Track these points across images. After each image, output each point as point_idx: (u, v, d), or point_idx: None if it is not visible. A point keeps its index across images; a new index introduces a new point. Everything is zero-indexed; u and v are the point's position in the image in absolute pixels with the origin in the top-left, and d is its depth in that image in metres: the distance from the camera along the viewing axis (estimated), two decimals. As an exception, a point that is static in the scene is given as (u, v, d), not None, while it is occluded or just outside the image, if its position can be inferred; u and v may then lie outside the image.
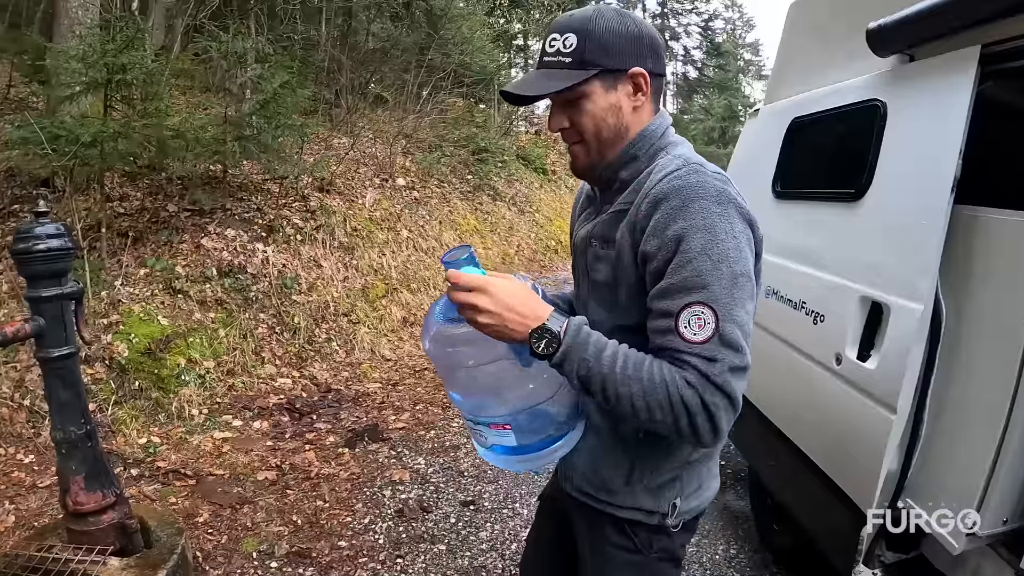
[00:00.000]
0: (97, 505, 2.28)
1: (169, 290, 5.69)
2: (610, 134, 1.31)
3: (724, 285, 1.13)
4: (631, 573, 1.44)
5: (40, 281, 2.13)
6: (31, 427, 4.39)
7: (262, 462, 4.32)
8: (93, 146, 5.54)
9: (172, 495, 3.90)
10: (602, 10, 1.28)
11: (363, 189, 8.88)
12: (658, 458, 1.36)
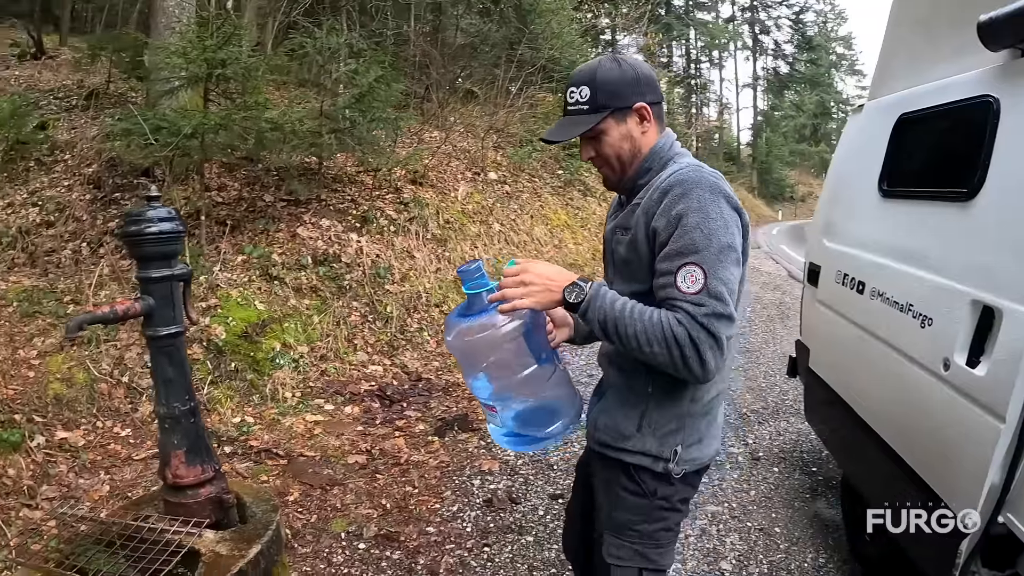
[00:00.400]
0: (196, 479, 2.35)
1: (266, 276, 5.89)
2: (627, 156, 1.70)
3: (712, 252, 1.49)
4: (635, 514, 1.74)
5: (150, 262, 2.20)
6: (128, 402, 4.65)
7: (352, 446, 4.44)
8: (194, 137, 5.77)
9: (264, 473, 4.06)
10: (603, 62, 1.67)
11: (455, 182, 8.93)
12: (663, 409, 1.68)
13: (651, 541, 1.75)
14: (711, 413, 1.76)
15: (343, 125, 6.67)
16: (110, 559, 2.28)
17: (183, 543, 2.25)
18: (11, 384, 4.37)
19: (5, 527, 3.32)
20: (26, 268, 6.06)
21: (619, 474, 1.76)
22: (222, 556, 2.23)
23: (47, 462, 3.87)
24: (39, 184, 7.11)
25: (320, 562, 3.31)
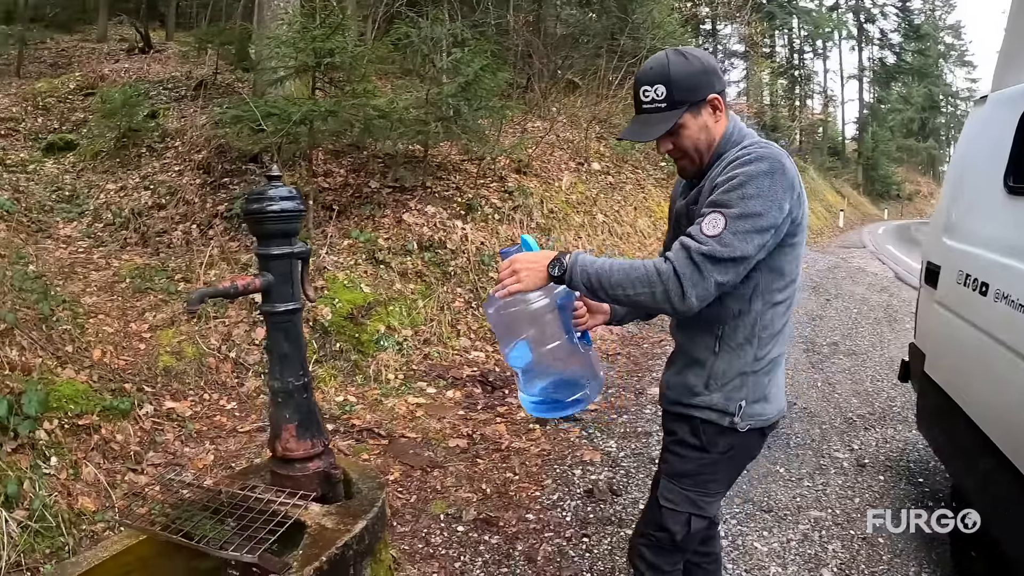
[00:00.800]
0: (305, 452, 2.32)
1: (372, 260, 5.92)
2: (704, 146, 1.78)
3: (739, 212, 1.59)
4: (692, 464, 1.89)
5: (271, 240, 2.20)
6: (235, 377, 4.72)
7: (453, 430, 4.36)
8: (303, 124, 5.86)
9: (365, 452, 4.02)
10: (671, 57, 1.72)
11: (559, 172, 8.83)
12: (727, 367, 1.80)
13: (702, 491, 1.90)
14: (773, 372, 1.86)
15: (448, 114, 6.64)
16: (216, 525, 2.25)
17: (289, 514, 2.20)
18: (123, 355, 4.49)
19: (111, 489, 3.37)
20: (138, 247, 6.31)
21: (685, 427, 1.89)
22: (327, 529, 2.17)
23: (154, 430, 3.94)
24: (150, 169, 7.45)
25: (419, 541, 3.26)
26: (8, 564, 2.78)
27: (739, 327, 1.77)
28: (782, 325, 1.82)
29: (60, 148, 8.33)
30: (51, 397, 3.55)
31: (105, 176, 7.57)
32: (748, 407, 1.81)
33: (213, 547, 2.10)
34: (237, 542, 2.10)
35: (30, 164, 7.83)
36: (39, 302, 4.25)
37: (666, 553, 1.98)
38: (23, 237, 6.04)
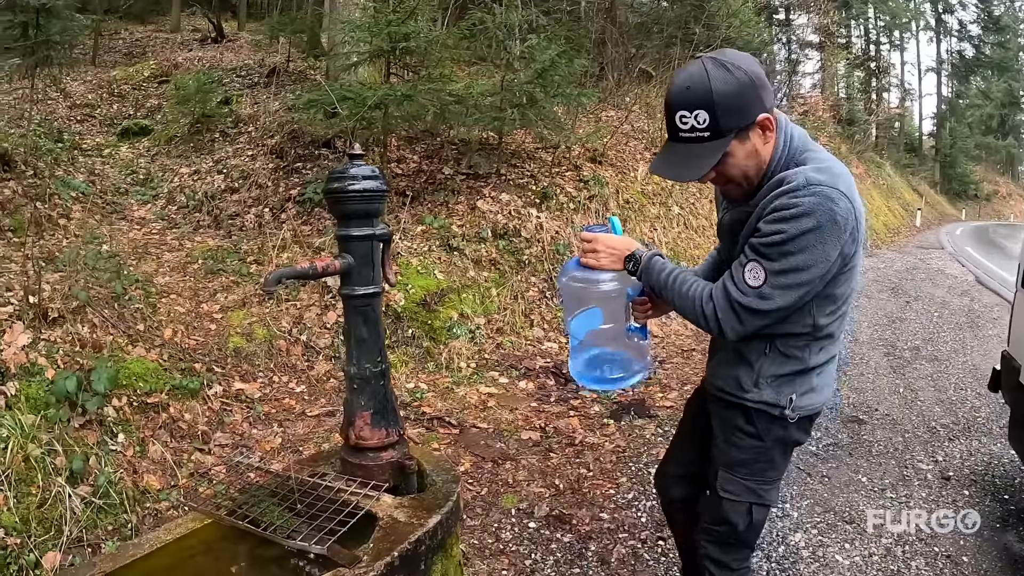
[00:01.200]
0: (380, 442, 2.20)
1: (445, 247, 5.81)
2: (753, 172, 1.63)
3: (780, 268, 1.55)
4: (749, 454, 1.85)
5: (352, 221, 2.12)
6: (305, 360, 4.64)
7: (526, 421, 4.19)
8: (378, 108, 5.78)
9: (435, 441, 3.88)
10: (712, 73, 1.49)
11: (634, 162, 8.61)
12: (777, 367, 1.77)
13: (761, 479, 1.86)
14: (823, 371, 1.82)
15: (522, 101, 6.48)
16: (283, 513, 2.15)
17: (360, 505, 2.08)
18: (194, 335, 4.46)
19: (176, 468, 3.32)
20: (211, 230, 6.35)
21: (738, 416, 1.85)
22: (399, 523, 2.02)
23: (223, 410, 3.89)
24: (224, 154, 7.51)
25: (488, 536, 3.12)
26: (70, 539, 2.74)
27: (791, 340, 1.74)
28: (836, 334, 1.80)
29: (135, 133, 8.50)
30: (121, 375, 3.52)
31: (179, 160, 7.66)
32: (798, 399, 1.79)
33: (280, 536, 2.00)
34: (305, 531, 2.00)
35: (105, 148, 7.99)
36: (111, 281, 4.24)
37: (732, 548, 1.94)
38: (98, 218, 6.12)
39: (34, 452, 2.85)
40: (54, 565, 2.60)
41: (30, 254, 4.08)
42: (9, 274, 3.97)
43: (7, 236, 4.98)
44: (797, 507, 3.43)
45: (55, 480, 2.83)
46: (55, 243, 5.15)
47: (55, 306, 3.66)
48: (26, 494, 2.74)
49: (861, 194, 1.71)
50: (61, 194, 6.05)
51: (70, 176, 6.59)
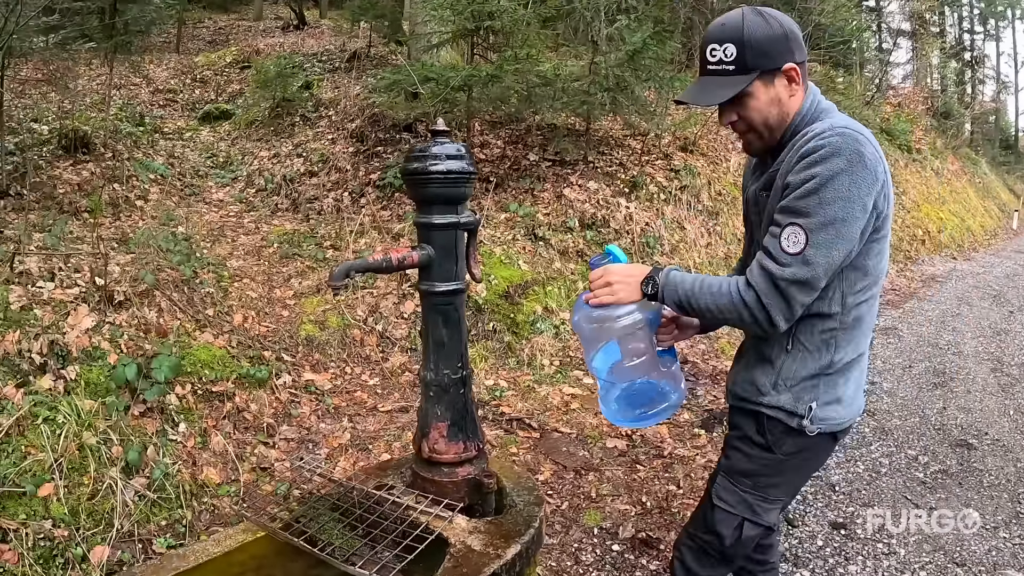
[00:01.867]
0: (456, 456, 1.95)
1: (530, 236, 5.53)
2: (775, 121, 1.57)
3: (820, 221, 1.43)
4: (754, 464, 1.68)
5: (433, 206, 1.87)
6: (380, 351, 4.41)
7: (611, 428, 3.84)
8: (461, 90, 5.55)
9: (513, 444, 3.59)
10: (748, 16, 1.51)
11: (726, 152, 8.18)
12: (799, 367, 1.60)
13: (761, 495, 1.70)
14: (850, 372, 1.64)
15: (612, 84, 6.13)
16: (343, 531, 1.92)
17: (431, 527, 1.82)
18: (265, 321, 4.30)
19: (238, 462, 3.13)
20: (288, 213, 6.26)
21: (751, 423, 1.70)
22: (473, 551, 1.74)
23: (290, 402, 3.69)
24: (303, 137, 7.44)
25: (567, 558, 2.80)
26: (120, 533, 2.56)
27: (816, 328, 1.58)
28: (864, 324, 1.62)
29: (216, 117, 8.60)
30: (186, 361, 3.35)
31: (259, 144, 7.65)
32: (819, 409, 1.61)
33: (339, 559, 1.74)
34: (366, 556, 1.75)
35: (186, 132, 8.07)
36: (181, 264, 4.10)
37: (710, 561, 1.80)
38: (175, 200, 6.09)
39: (89, 440, 2.69)
40: (101, 560, 2.44)
41: (101, 235, 3.97)
42: (80, 255, 3.86)
43: (83, 217, 4.93)
44: (904, 543, 3.02)
45: (108, 471, 2.66)
46: (131, 224, 5.09)
47: (121, 289, 3.52)
48: (77, 484, 2.59)
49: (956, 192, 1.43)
50: (139, 176, 6.06)
51: (149, 159, 6.60)
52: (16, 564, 2.33)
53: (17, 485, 2.47)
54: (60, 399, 2.76)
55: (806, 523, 3.16)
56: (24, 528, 2.40)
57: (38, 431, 2.63)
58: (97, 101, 7.36)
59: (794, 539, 3.02)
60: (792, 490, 1.81)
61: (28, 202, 4.94)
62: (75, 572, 2.40)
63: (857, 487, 3.49)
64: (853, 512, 3.26)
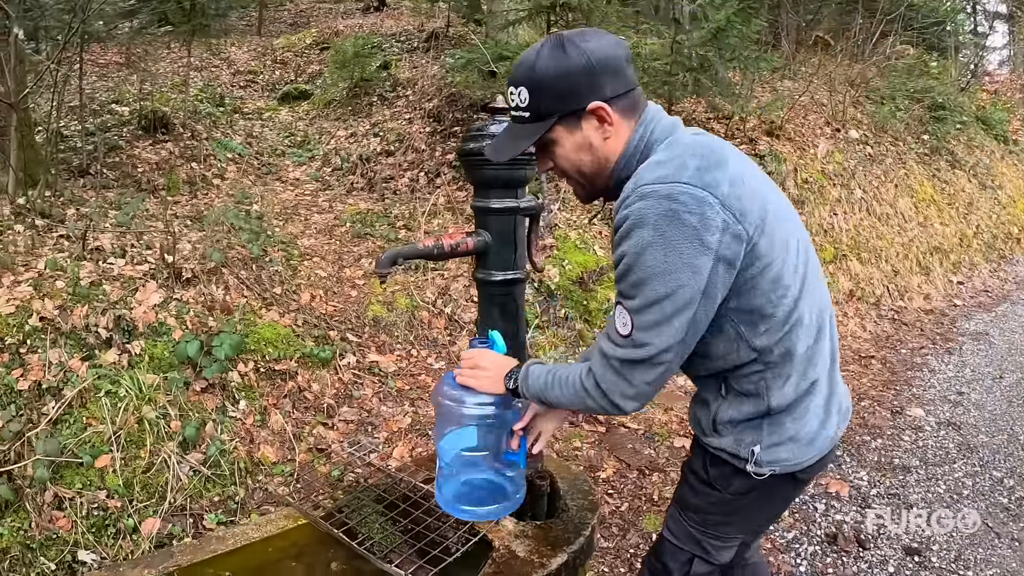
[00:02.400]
0: None
1: (608, 220, 5.34)
2: (590, 168, 1.38)
3: (640, 304, 1.25)
4: (704, 500, 1.52)
5: (491, 189, 1.77)
6: (448, 334, 4.32)
7: (680, 425, 3.66)
8: (537, 68, 5.38)
9: (578, 439, 3.46)
10: (543, 51, 1.30)
11: (813, 138, 7.78)
12: (731, 413, 1.41)
13: (712, 532, 1.55)
14: (800, 410, 1.41)
15: (695, 64, 5.86)
16: (385, 525, 1.83)
17: (475, 527, 1.71)
18: (332, 300, 4.27)
19: (295, 441, 3.10)
20: (364, 192, 6.25)
21: (699, 456, 1.55)
22: (517, 558, 1.64)
23: (353, 383, 3.64)
24: (380, 117, 7.41)
25: (621, 564, 2.67)
26: (172, 507, 2.58)
27: (741, 374, 1.38)
28: (797, 356, 1.35)
29: (295, 97, 8.66)
30: (250, 339, 3.34)
31: (336, 123, 7.67)
32: (764, 452, 1.40)
33: (377, 555, 1.66)
34: (405, 554, 1.65)
35: (265, 112, 8.15)
36: (250, 241, 4.11)
37: None
38: (252, 179, 6.16)
39: (149, 414, 2.70)
40: (151, 532, 2.46)
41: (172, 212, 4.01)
42: (152, 233, 3.91)
43: (160, 195, 5.02)
44: (983, 573, 2.75)
45: (165, 445, 2.68)
46: (207, 203, 5.16)
47: (189, 266, 3.54)
48: (134, 457, 2.62)
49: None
50: (217, 155, 6.16)
51: (228, 138, 6.71)
52: (69, 531, 2.38)
53: (75, 455, 2.50)
54: (123, 373, 2.79)
55: (878, 546, 2.92)
56: (79, 497, 2.44)
57: (99, 404, 2.66)
58: (178, 83, 7.52)
59: (864, 563, 2.80)
60: (751, 529, 1.63)
61: (107, 180, 5.06)
62: (125, 542, 2.43)
63: (934, 508, 3.20)
64: (929, 536, 2.99)
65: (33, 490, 2.40)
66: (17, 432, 2.47)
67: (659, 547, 1.63)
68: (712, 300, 1.26)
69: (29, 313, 2.83)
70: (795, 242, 1.34)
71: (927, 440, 3.86)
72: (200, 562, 1.71)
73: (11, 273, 3.10)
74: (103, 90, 7.00)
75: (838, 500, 3.22)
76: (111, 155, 5.56)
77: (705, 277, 1.22)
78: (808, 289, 1.35)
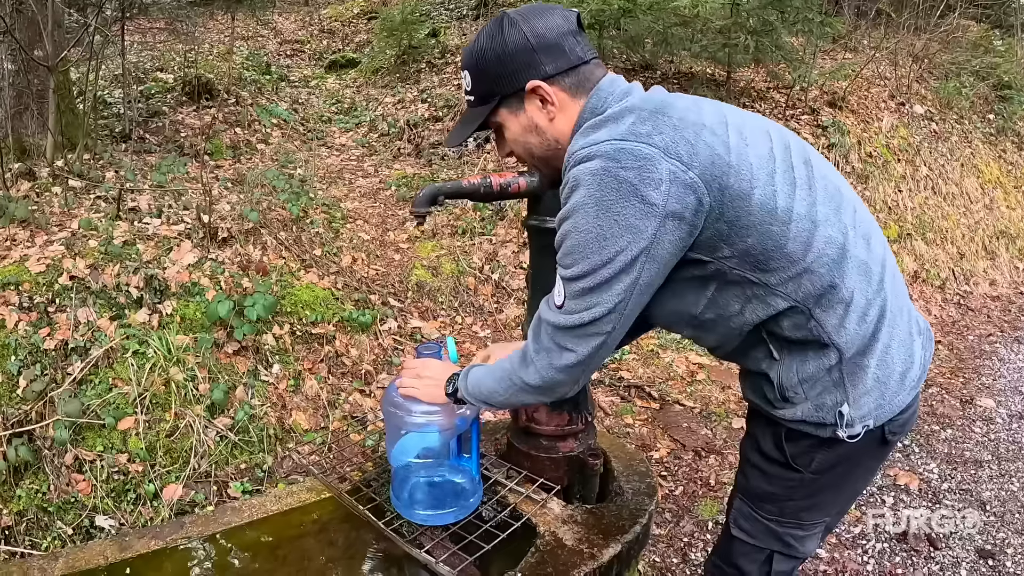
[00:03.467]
0: (558, 429, 1.65)
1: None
2: (540, 151, 1.29)
3: (571, 275, 1.15)
4: (779, 487, 1.32)
5: None
6: (495, 301, 4.15)
7: (739, 405, 3.41)
8: (592, 28, 5.17)
9: (629, 415, 3.24)
10: (484, 33, 1.25)
11: (877, 111, 7.40)
12: (798, 368, 1.21)
13: (792, 522, 1.32)
14: (876, 346, 1.19)
15: (755, 27, 5.52)
16: None
17: (519, 510, 1.53)
18: (375, 264, 4.13)
19: (330, 408, 2.95)
20: (410, 158, 6.12)
21: (767, 434, 1.31)
22: (564, 547, 1.44)
23: (393, 349, 3.48)
24: (429, 84, 7.26)
25: (674, 553, 2.47)
26: (196, 473, 2.45)
27: (786, 327, 1.19)
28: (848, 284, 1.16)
29: (342, 66, 8.57)
30: (286, 301, 3.20)
31: (383, 90, 7.57)
32: (854, 408, 1.20)
33: (406, 538, 1.48)
34: (437, 538, 1.47)
35: (312, 80, 8.11)
36: (289, 202, 3.97)
37: None
38: (297, 144, 6.06)
39: (176, 376, 2.57)
40: (172, 499, 2.34)
41: (216, 176, 3.89)
42: (190, 193, 3.80)
43: (203, 159, 4.93)
44: None
45: (192, 408, 2.54)
46: (250, 166, 5.07)
47: (226, 226, 3.40)
48: (158, 420, 2.49)
49: None
50: (262, 120, 6.10)
51: (273, 104, 6.63)
52: (88, 495, 2.28)
53: (98, 417, 2.38)
54: (152, 333, 2.65)
55: (950, 546, 2.67)
56: (100, 460, 2.34)
57: (126, 364, 2.54)
58: (223, 52, 7.48)
59: (935, 564, 2.56)
60: (837, 509, 1.42)
61: (150, 145, 5.00)
62: (145, 508, 2.32)
63: (1011, 508, 2.92)
64: (1004, 539, 2.72)
65: (53, 452, 2.30)
66: (40, 392, 2.36)
67: (728, 548, 1.43)
68: (659, 262, 1.12)
69: (59, 272, 2.72)
70: (780, 161, 1.17)
71: (999, 433, 3.56)
72: (212, 535, 1.56)
73: (44, 233, 3.01)
74: (148, 58, 6.98)
75: (907, 494, 2.97)
76: (154, 120, 5.50)
77: (647, 238, 1.09)
78: (827, 205, 1.17)
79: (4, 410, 2.32)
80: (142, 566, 1.49)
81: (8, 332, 2.47)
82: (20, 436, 2.28)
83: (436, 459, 1.65)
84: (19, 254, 2.80)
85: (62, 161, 3.84)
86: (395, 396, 1.55)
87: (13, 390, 2.37)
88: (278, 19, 10.27)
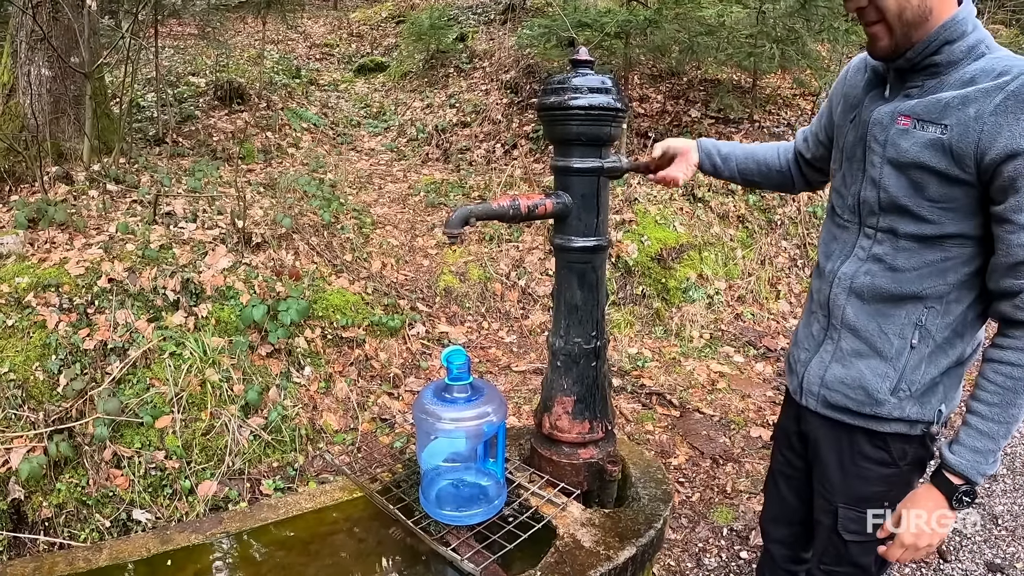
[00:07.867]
0: (579, 437, 1.71)
1: (689, 196, 5.11)
2: (913, 15, 1.18)
3: None
4: (879, 485, 1.35)
5: (573, 147, 1.59)
6: (520, 307, 4.21)
7: (758, 414, 3.45)
8: (618, 37, 5.21)
9: (650, 421, 3.29)
10: None
11: (900, 120, 7.35)
12: (929, 366, 1.24)
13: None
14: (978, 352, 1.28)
15: (781, 35, 5.53)
16: None
17: (540, 512, 1.60)
18: (404, 269, 4.20)
19: (359, 410, 3.04)
20: (439, 163, 6.19)
21: (859, 440, 1.34)
22: (582, 548, 1.50)
23: (421, 353, 3.56)
24: (457, 88, 7.34)
25: (688, 559, 2.51)
26: (230, 471, 2.55)
27: (951, 309, 1.22)
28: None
29: (370, 69, 8.68)
30: (318, 305, 3.29)
31: (412, 95, 7.64)
32: (947, 408, 1.29)
33: (434, 536, 1.55)
34: (463, 537, 1.54)
35: (341, 84, 8.19)
36: (321, 208, 4.06)
37: None
38: (327, 148, 6.16)
39: (212, 377, 2.67)
40: (207, 495, 2.44)
41: (249, 180, 3.99)
42: (224, 198, 3.90)
43: (235, 164, 5.04)
44: None
45: (227, 408, 2.64)
46: (281, 171, 5.16)
47: (259, 231, 3.50)
48: (194, 419, 2.59)
49: None
50: (292, 124, 6.19)
51: (303, 108, 6.72)
52: (126, 489, 2.38)
53: (136, 415, 2.48)
54: (188, 335, 2.75)
55: (959, 559, 2.66)
56: (138, 457, 2.44)
57: (163, 365, 2.64)
58: (254, 56, 7.61)
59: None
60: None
61: (183, 149, 5.11)
62: (181, 503, 2.41)
63: (1023, 523, 2.91)
64: (1014, 553, 2.71)
65: (92, 448, 2.41)
66: (80, 390, 2.47)
67: (841, 552, 1.45)
68: None
69: (98, 275, 2.83)
70: None
71: (1016, 447, 3.53)
72: (249, 530, 1.65)
73: (83, 236, 3.12)
74: (180, 63, 7.12)
75: (919, 506, 2.97)
76: (187, 124, 5.63)
77: None
78: None
79: (45, 407, 2.42)
80: (183, 558, 1.57)
81: (49, 332, 2.58)
82: (60, 432, 2.39)
83: (463, 463, 1.72)
84: (59, 256, 2.91)
85: (98, 165, 3.97)
86: (427, 402, 1.60)
87: (54, 388, 2.48)
88: (307, 23, 10.40)
